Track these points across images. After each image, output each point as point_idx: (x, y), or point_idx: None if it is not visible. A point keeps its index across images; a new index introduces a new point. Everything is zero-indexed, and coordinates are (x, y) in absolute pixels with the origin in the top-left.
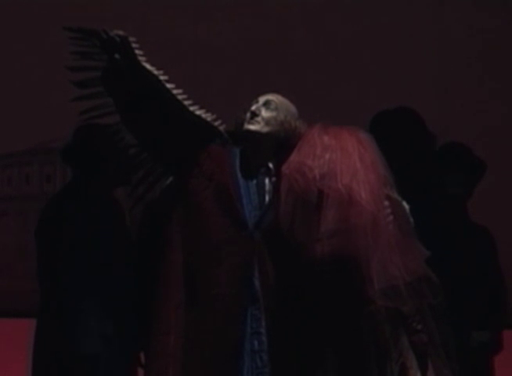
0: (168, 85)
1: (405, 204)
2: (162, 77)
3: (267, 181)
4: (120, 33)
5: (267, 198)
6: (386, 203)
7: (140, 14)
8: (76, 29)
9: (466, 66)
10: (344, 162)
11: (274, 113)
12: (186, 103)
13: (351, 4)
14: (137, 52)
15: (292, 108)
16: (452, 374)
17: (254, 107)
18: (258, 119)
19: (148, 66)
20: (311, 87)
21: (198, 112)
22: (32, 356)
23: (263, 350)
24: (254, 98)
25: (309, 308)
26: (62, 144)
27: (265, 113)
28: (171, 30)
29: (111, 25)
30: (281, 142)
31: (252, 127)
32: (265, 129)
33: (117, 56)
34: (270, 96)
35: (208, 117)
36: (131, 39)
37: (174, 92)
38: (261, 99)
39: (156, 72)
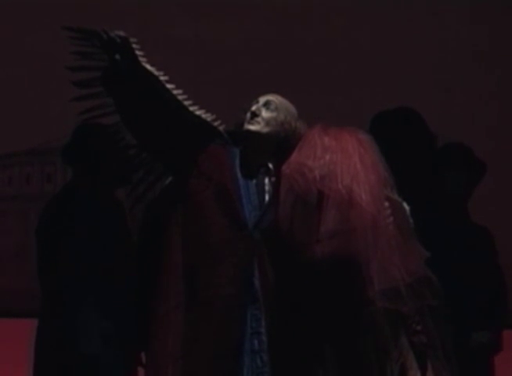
0: (168, 86)
1: (405, 204)
2: (162, 78)
3: (267, 181)
4: (121, 33)
5: (267, 198)
6: (386, 204)
7: (140, 14)
8: (76, 29)
9: (467, 66)
10: (345, 163)
11: (274, 114)
12: (186, 103)
13: (351, 4)
14: (137, 52)
15: (292, 109)
16: (450, 375)
17: (254, 108)
18: (258, 119)
19: (148, 66)
20: (311, 87)
21: (198, 112)
22: (33, 355)
23: (263, 350)
24: (254, 98)
25: (309, 308)
26: (62, 144)
27: (265, 113)
28: (171, 29)
29: (111, 25)
30: (281, 143)
31: (252, 127)
32: (265, 129)
33: (117, 56)
34: (270, 97)
35: (208, 117)
36: (132, 40)
37: (175, 92)
38: (262, 100)
39: (156, 73)
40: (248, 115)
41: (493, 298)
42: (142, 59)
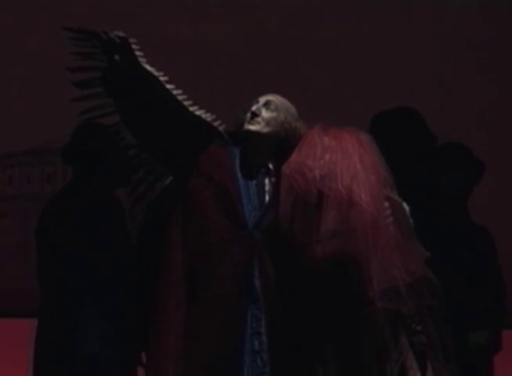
0: (168, 86)
1: (405, 205)
2: (162, 78)
3: (267, 181)
4: (120, 34)
5: (267, 198)
6: (386, 204)
7: (140, 14)
8: (76, 29)
9: (467, 66)
10: (345, 163)
11: (274, 114)
12: (186, 103)
13: (351, 4)
14: (137, 53)
15: (292, 109)
16: (450, 375)
17: (254, 108)
18: (259, 119)
19: (148, 67)
20: (311, 87)
21: (198, 112)
22: (32, 355)
23: (263, 350)
24: (254, 98)
25: (309, 308)
26: (62, 144)
27: (265, 113)
28: (171, 30)
29: (111, 25)
30: (281, 143)
31: (252, 127)
32: (266, 130)
33: (116, 57)
34: (270, 97)
35: (208, 117)
36: (132, 40)
37: (174, 92)
38: (262, 100)
39: (156, 73)
40: (248, 115)
41: (492, 298)
42: (142, 60)
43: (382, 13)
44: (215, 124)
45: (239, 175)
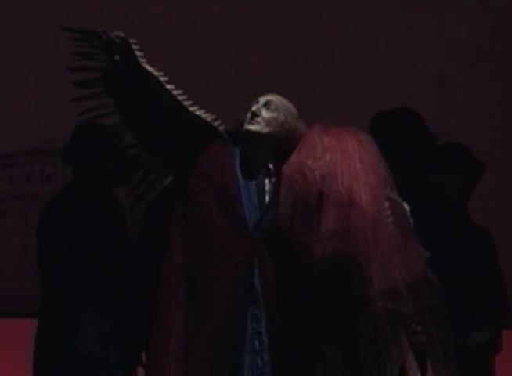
0: (168, 86)
1: (405, 205)
2: (162, 78)
3: (267, 181)
4: (120, 34)
5: (267, 198)
6: (386, 204)
7: (140, 14)
8: (76, 29)
9: (467, 66)
10: (345, 163)
11: (274, 114)
12: (186, 103)
13: (351, 4)
14: (137, 53)
15: (292, 109)
16: (450, 375)
17: (254, 108)
18: (259, 119)
19: (148, 67)
20: (312, 87)
21: (198, 112)
22: (32, 355)
23: (264, 350)
24: (254, 98)
25: (309, 308)
26: (63, 144)
27: (265, 113)
28: (171, 30)
29: (111, 25)
30: (281, 143)
31: (252, 127)
32: (266, 130)
33: (116, 57)
34: (270, 97)
35: (208, 117)
36: (132, 41)
37: (174, 92)
38: (262, 100)
39: (156, 73)
40: (248, 115)
41: (492, 298)
42: (142, 60)
43: (382, 13)
44: (215, 124)
45: (239, 175)
